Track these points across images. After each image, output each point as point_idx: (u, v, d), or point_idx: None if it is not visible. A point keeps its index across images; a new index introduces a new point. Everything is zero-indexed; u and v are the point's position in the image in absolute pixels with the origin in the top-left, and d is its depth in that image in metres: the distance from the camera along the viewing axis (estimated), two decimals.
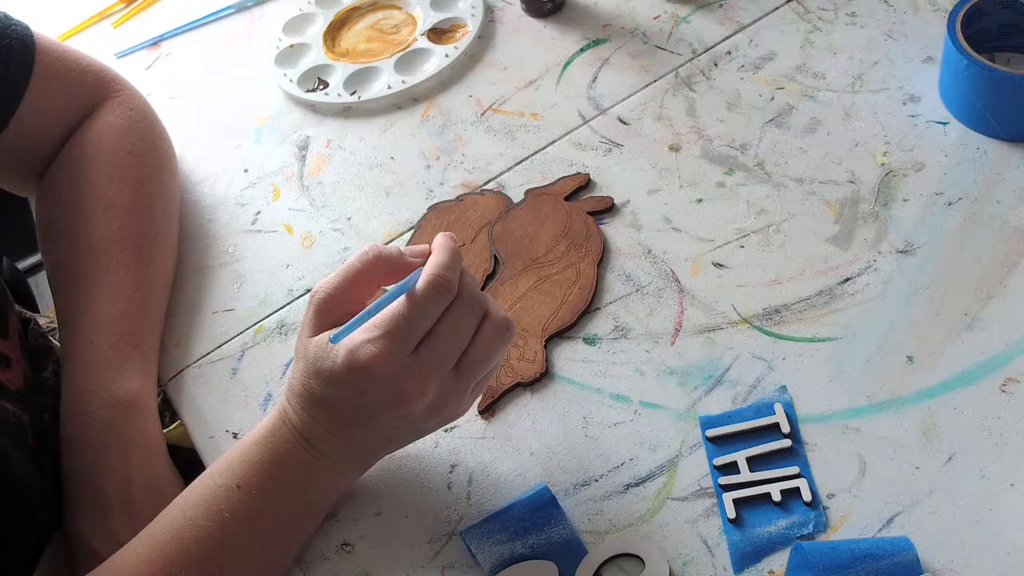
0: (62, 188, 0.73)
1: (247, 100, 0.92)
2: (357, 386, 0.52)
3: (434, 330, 0.52)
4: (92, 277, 0.69)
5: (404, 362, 0.51)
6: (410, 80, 0.88)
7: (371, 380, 0.51)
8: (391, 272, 0.55)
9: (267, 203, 0.82)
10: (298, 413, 0.54)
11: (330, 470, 0.56)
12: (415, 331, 0.51)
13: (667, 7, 0.88)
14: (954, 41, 0.70)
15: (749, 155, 0.75)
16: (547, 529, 0.57)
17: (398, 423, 0.54)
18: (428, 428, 0.57)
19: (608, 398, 0.63)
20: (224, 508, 0.54)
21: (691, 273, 0.69)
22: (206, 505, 0.54)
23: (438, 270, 0.52)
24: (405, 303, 0.52)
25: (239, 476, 0.55)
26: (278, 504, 0.55)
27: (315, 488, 0.57)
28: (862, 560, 0.51)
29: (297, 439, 0.55)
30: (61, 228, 0.72)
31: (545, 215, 0.74)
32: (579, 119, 0.81)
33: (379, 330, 0.51)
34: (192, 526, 0.54)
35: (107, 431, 0.63)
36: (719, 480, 0.58)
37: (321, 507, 0.59)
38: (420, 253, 0.55)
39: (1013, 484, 0.55)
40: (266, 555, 0.56)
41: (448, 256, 0.53)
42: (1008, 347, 0.60)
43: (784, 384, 0.61)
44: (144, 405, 0.65)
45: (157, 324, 0.72)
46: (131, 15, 1.06)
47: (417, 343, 0.52)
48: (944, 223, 0.67)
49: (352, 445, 0.55)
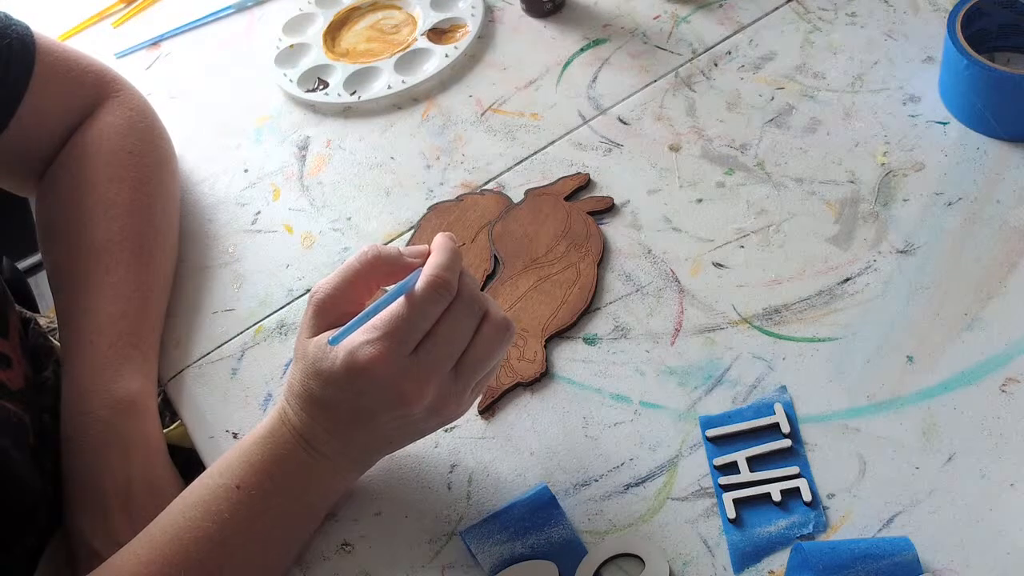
0: (62, 188, 0.73)
1: (247, 100, 0.92)
2: (356, 387, 0.51)
3: (433, 331, 0.52)
4: (92, 277, 0.69)
5: (403, 363, 0.51)
6: (410, 80, 0.88)
7: (370, 381, 0.51)
8: (390, 272, 0.55)
9: (267, 203, 0.82)
10: (297, 414, 0.54)
11: (330, 471, 0.56)
12: (414, 332, 0.51)
13: (667, 7, 0.88)
14: (954, 41, 0.70)
15: (749, 155, 0.75)
16: (547, 529, 0.57)
17: (397, 423, 0.54)
18: (428, 428, 0.57)
19: (608, 398, 0.63)
20: (224, 509, 0.54)
21: (691, 273, 0.69)
22: (205, 506, 0.54)
23: (437, 271, 0.52)
24: (404, 304, 0.52)
25: (239, 477, 0.55)
26: (278, 505, 0.55)
27: (315, 489, 0.57)
28: (862, 560, 0.51)
29: (297, 440, 0.55)
30: (61, 228, 0.72)
31: (545, 215, 0.74)
32: (579, 119, 0.81)
33: (378, 331, 0.51)
34: (192, 527, 0.54)
35: (107, 431, 0.63)
36: (719, 480, 0.58)
37: (321, 508, 0.59)
38: (419, 254, 0.55)
39: (1013, 484, 0.55)
40: (265, 556, 0.56)
41: (447, 257, 0.53)
42: (1008, 347, 0.60)
43: (784, 384, 0.61)
44: (144, 405, 0.65)
45: (157, 324, 0.72)
46: (131, 15, 1.06)
47: (416, 344, 0.52)
48: (944, 223, 0.67)
49: (352, 446, 0.55)
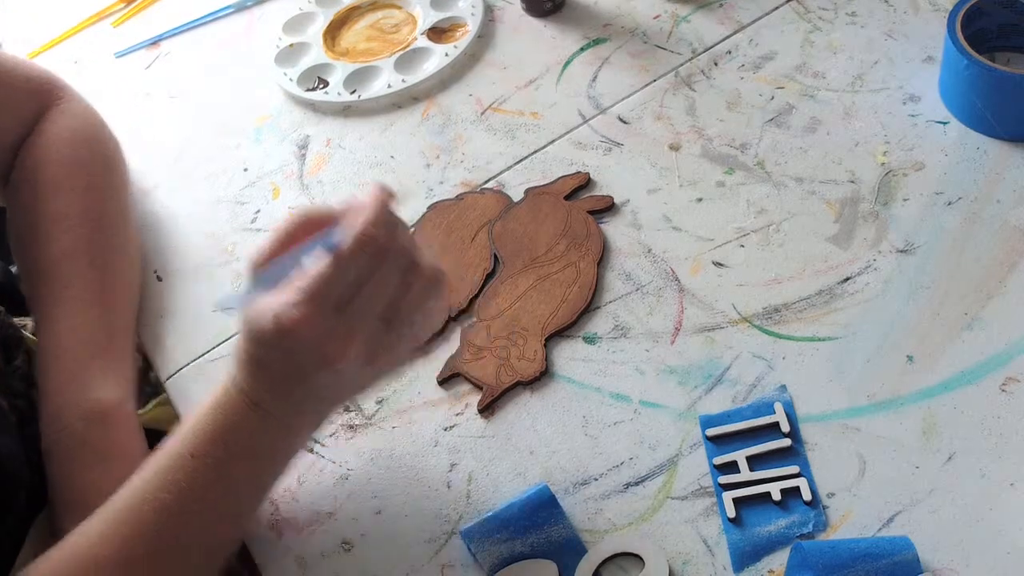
0: (18, 201, 0.74)
1: (247, 99, 0.92)
2: (284, 347, 0.52)
3: (359, 286, 0.52)
4: (52, 291, 0.69)
5: (328, 324, 0.51)
6: (410, 79, 0.88)
7: (296, 342, 0.52)
8: (322, 229, 0.55)
9: (267, 202, 0.82)
10: (244, 377, 0.55)
11: (280, 430, 0.56)
12: (337, 290, 0.52)
13: (667, 7, 0.88)
14: (954, 41, 0.70)
15: (749, 154, 0.75)
16: (547, 528, 0.57)
17: (331, 380, 0.54)
18: (367, 382, 0.57)
19: (608, 397, 0.63)
20: (180, 479, 0.54)
21: (691, 272, 0.69)
22: (162, 476, 0.55)
23: (363, 227, 0.52)
24: (327, 262, 0.52)
25: (192, 445, 0.55)
26: (232, 470, 0.56)
27: (267, 451, 0.57)
28: (862, 559, 0.51)
29: (244, 402, 0.55)
30: (21, 241, 0.73)
31: (545, 214, 0.74)
32: (579, 118, 0.81)
33: (303, 293, 0.51)
34: (150, 498, 0.54)
35: (83, 444, 0.64)
36: (719, 479, 0.58)
37: (274, 470, 0.59)
38: (351, 209, 0.54)
39: (1013, 484, 0.55)
40: (221, 523, 0.57)
41: (374, 211, 0.52)
42: (1008, 347, 0.60)
43: (784, 383, 0.61)
44: (121, 414, 0.66)
45: (125, 331, 0.72)
46: (131, 15, 1.06)
47: (341, 301, 0.52)
48: (944, 223, 0.67)
49: (293, 403, 0.56)
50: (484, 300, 0.70)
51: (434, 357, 0.68)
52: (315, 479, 0.64)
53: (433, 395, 0.66)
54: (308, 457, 0.65)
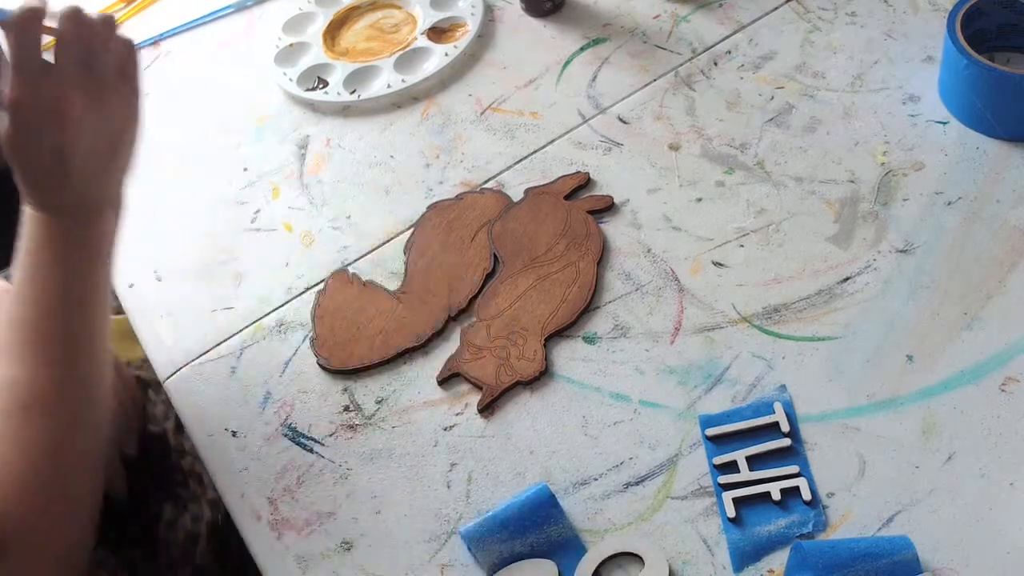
0: None
1: (247, 99, 0.92)
2: (20, 124, 0.56)
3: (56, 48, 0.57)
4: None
5: (42, 86, 0.56)
6: (410, 79, 0.88)
7: (24, 113, 0.56)
8: None
9: (267, 201, 0.82)
10: (24, 195, 0.58)
11: (79, 222, 0.59)
12: (31, 54, 0.56)
13: (667, 7, 0.88)
14: (954, 41, 0.70)
15: (749, 154, 0.75)
16: (546, 528, 0.57)
17: (81, 140, 0.57)
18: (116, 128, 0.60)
19: (608, 397, 0.63)
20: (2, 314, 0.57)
21: (691, 272, 0.69)
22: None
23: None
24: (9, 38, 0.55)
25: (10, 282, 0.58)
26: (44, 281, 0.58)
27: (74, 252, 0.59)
28: (862, 559, 0.51)
29: (34, 216, 0.58)
30: None
31: (545, 214, 0.74)
32: (579, 118, 0.81)
33: (10, 72, 0.55)
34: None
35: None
36: (719, 479, 0.58)
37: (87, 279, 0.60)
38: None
39: (1013, 484, 0.55)
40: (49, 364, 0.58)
41: None
42: (1008, 347, 0.60)
43: (784, 383, 0.61)
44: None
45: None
46: (131, 14, 1.06)
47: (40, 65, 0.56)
48: (944, 223, 0.67)
49: (72, 185, 0.58)
50: (484, 300, 0.70)
51: (434, 357, 0.68)
52: (315, 479, 0.64)
53: (433, 395, 0.66)
54: (308, 457, 0.65)
